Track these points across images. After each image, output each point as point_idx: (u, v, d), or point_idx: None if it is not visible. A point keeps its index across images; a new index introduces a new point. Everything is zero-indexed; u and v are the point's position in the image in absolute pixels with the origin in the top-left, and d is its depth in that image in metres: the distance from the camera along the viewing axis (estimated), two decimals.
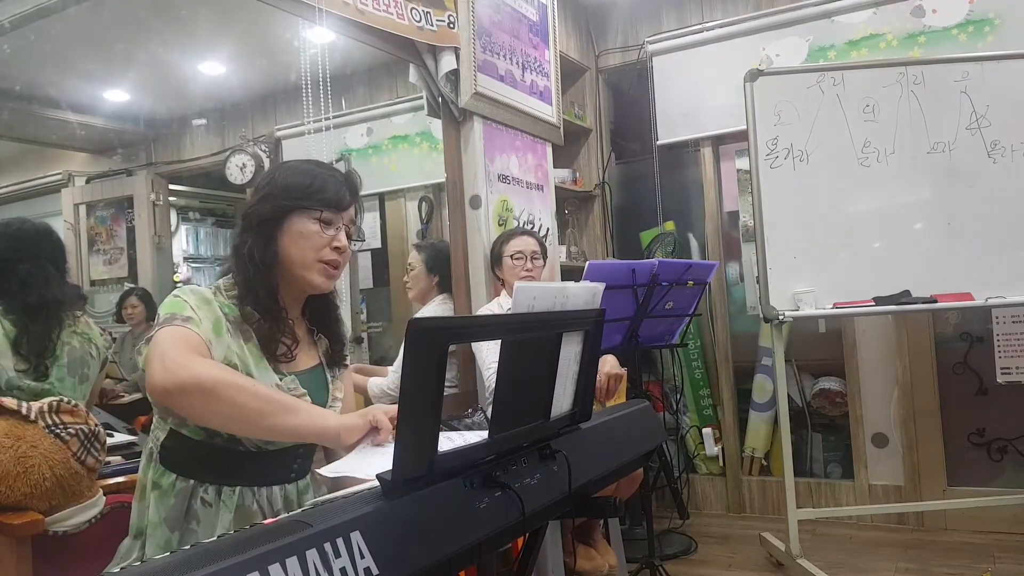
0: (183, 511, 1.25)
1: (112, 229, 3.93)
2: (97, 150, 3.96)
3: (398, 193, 3.75)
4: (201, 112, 3.90)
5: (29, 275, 1.88)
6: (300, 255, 1.31)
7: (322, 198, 1.31)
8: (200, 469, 1.26)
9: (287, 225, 1.30)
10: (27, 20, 2.43)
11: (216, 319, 1.25)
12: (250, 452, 1.27)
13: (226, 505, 1.26)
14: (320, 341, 1.44)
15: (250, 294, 1.29)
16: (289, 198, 1.30)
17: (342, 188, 1.35)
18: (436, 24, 2.70)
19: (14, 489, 1.45)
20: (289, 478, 1.35)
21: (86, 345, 1.98)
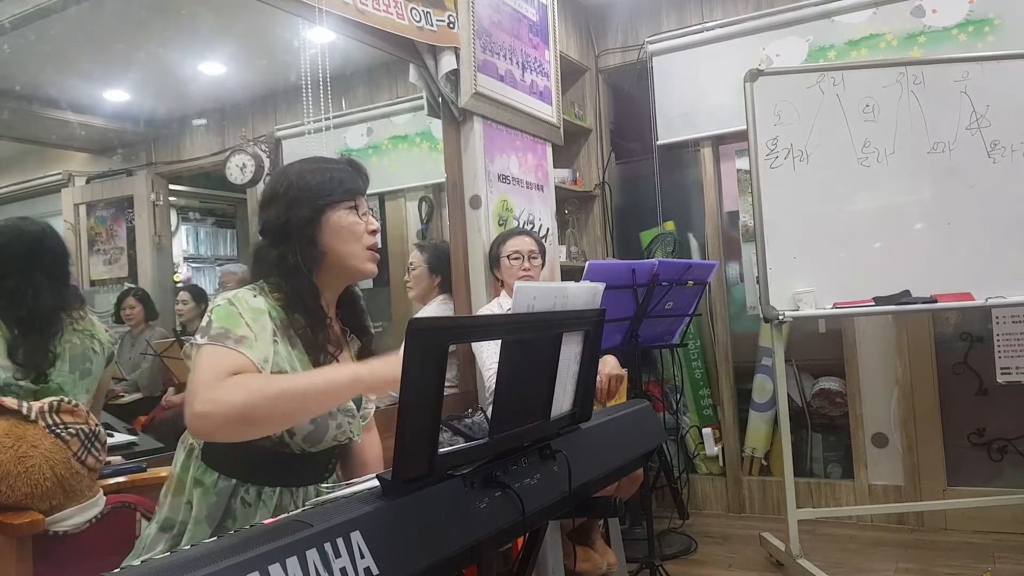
0: (222, 509, 1.26)
1: (112, 229, 3.93)
2: (97, 150, 3.96)
3: (398, 193, 3.75)
4: (201, 112, 3.90)
5: (17, 289, 1.84)
6: (348, 248, 1.32)
7: (348, 188, 1.33)
8: (243, 469, 1.27)
9: (325, 223, 1.31)
10: (27, 20, 2.43)
11: (271, 330, 1.24)
12: (295, 454, 1.28)
13: (265, 505, 1.27)
14: (352, 342, 1.45)
15: (300, 303, 1.28)
16: (321, 196, 1.31)
17: (356, 176, 1.37)
18: (436, 24, 2.70)
19: (14, 489, 1.45)
20: (324, 477, 1.36)
21: (88, 341, 1.97)
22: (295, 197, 1.31)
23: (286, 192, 1.33)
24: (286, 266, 1.29)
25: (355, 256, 1.33)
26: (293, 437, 1.26)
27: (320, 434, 1.29)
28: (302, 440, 1.27)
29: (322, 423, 1.28)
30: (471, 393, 2.87)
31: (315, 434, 1.28)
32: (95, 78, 3.46)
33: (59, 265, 1.95)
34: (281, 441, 1.26)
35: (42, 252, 1.92)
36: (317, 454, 1.32)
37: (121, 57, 3.28)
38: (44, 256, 1.92)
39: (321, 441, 1.30)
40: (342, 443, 1.37)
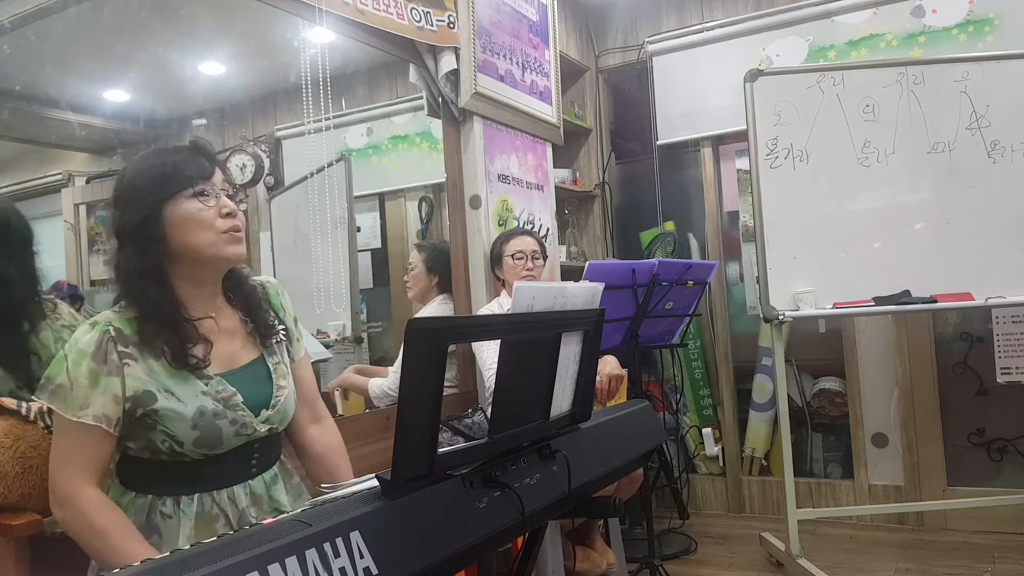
0: (145, 526, 1.23)
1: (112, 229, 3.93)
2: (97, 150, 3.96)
3: (398, 193, 3.75)
4: (201, 112, 3.90)
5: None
6: (198, 238, 1.23)
7: (184, 176, 1.24)
8: (154, 483, 1.25)
9: (167, 219, 1.22)
10: (27, 20, 2.43)
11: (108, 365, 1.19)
12: (196, 461, 1.24)
13: (186, 514, 1.24)
14: (251, 327, 1.38)
15: (151, 310, 1.22)
16: (154, 192, 1.22)
17: (195, 158, 1.27)
18: (436, 24, 2.70)
19: (13, 489, 1.44)
20: (251, 475, 1.32)
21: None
22: (128, 199, 1.23)
23: (120, 195, 1.25)
24: (127, 274, 1.23)
25: (210, 245, 1.24)
26: (183, 446, 1.22)
27: (212, 437, 1.24)
28: (194, 446, 1.22)
29: (209, 425, 1.23)
30: (471, 393, 2.87)
31: (206, 438, 1.23)
32: (95, 78, 3.45)
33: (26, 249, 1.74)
34: (174, 452, 1.22)
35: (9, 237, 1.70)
36: (227, 455, 1.27)
37: (121, 57, 3.28)
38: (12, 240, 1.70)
39: (221, 443, 1.25)
40: (256, 437, 1.30)
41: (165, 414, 1.21)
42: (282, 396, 1.36)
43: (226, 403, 1.27)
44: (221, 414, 1.25)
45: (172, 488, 1.25)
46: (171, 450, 1.22)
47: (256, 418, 1.31)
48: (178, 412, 1.21)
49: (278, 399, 1.36)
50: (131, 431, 1.22)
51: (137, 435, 1.22)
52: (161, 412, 1.20)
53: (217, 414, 1.25)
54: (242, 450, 1.30)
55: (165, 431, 1.21)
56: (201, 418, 1.23)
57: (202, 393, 1.25)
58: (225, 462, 1.28)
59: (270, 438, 1.35)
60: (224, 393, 1.27)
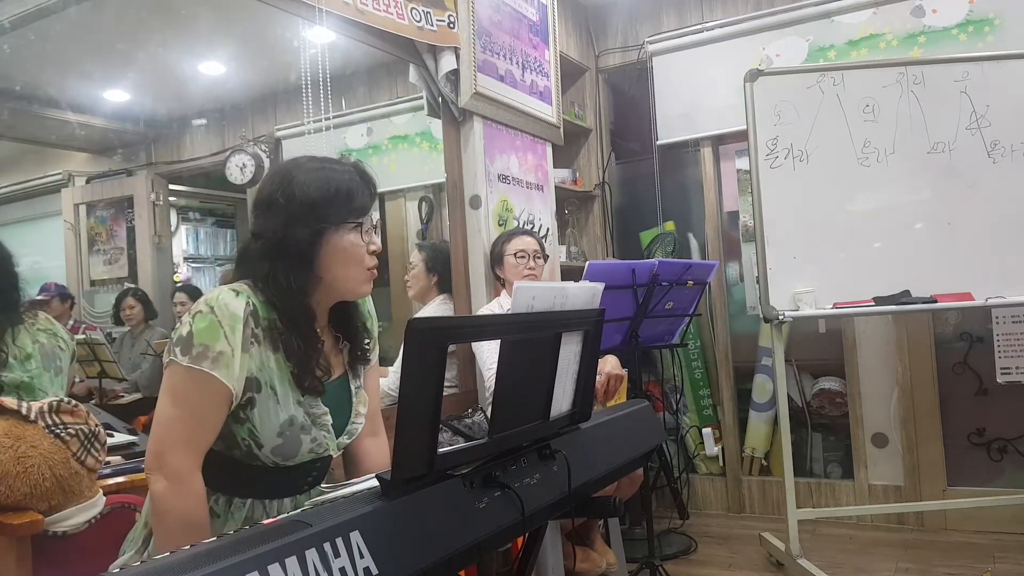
0: None
1: (112, 229, 3.93)
2: (97, 150, 3.97)
3: (398, 193, 3.75)
4: (201, 112, 3.90)
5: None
6: (348, 271, 1.25)
7: (354, 207, 1.24)
8: (214, 479, 1.22)
9: (326, 244, 1.23)
10: (27, 20, 2.43)
11: (245, 339, 1.18)
12: (266, 467, 1.24)
13: (234, 517, 1.24)
14: (345, 347, 1.37)
15: (291, 323, 1.22)
16: (322, 216, 1.21)
17: (364, 190, 1.27)
18: (436, 24, 2.70)
19: (14, 489, 1.45)
20: (302, 490, 1.32)
21: (53, 340, 1.99)
22: (295, 213, 1.21)
23: (287, 204, 1.22)
24: (278, 285, 1.21)
25: (354, 280, 1.26)
26: (262, 449, 1.21)
27: (291, 448, 1.23)
28: (271, 453, 1.22)
29: (293, 437, 1.22)
30: (471, 393, 2.87)
31: (285, 448, 1.23)
32: (95, 78, 3.46)
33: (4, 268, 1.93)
34: (250, 453, 1.21)
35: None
36: (292, 468, 1.26)
37: (121, 57, 3.28)
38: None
39: (295, 456, 1.24)
40: (321, 456, 1.30)
41: (260, 412, 1.20)
42: (359, 424, 1.37)
43: (315, 420, 1.26)
44: (307, 429, 1.24)
45: (230, 488, 1.25)
46: (248, 451, 1.21)
47: (335, 442, 1.31)
48: (272, 414, 1.20)
49: (355, 426, 1.36)
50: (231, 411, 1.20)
51: (228, 421, 1.20)
52: (258, 407, 1.19)
53: (304, 428, 1.24)
54: (303, 468, 1.29)
55: (252, 429, 1.20)
56: (289, 428, 1.22)
57: (297, 403, 1.24)
58: (289, 475, 1.28)
59: (328, 459, 1.35)
60: (316, 410, 1.27)
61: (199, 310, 1.18)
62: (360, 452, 1.46)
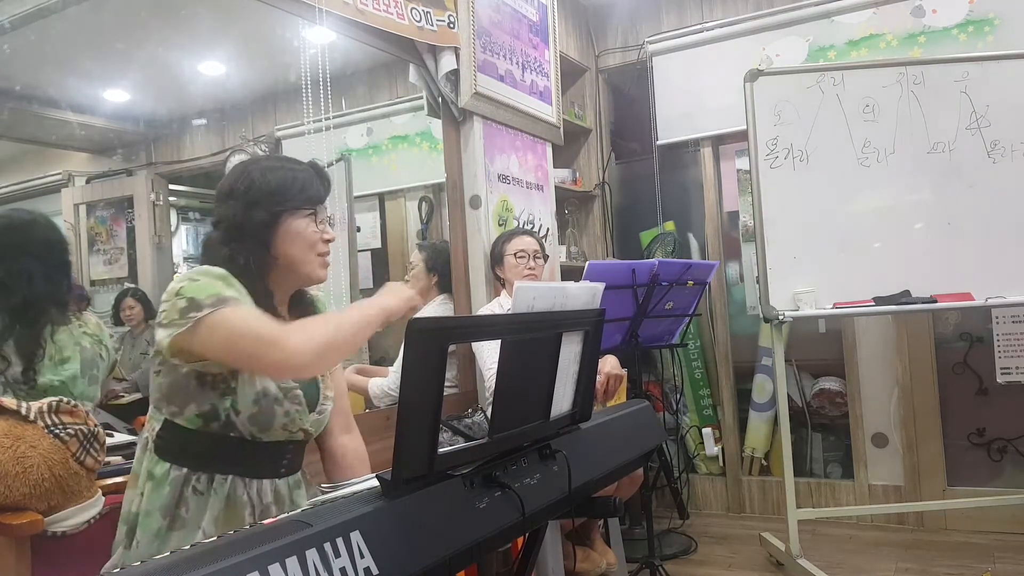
0: (175, 499, 1.27)
1: (112, 229, 3.93)
2: (97, 150, 3.96)
3: (398, 193, 3.75)
4: (201, 112, 3.90)
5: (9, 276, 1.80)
6: (300, 254, 1.35)
7: (308, 196, 1.36)
8: (194, 458, 1.29)
9: (282, 228, 1.33)
10: (27, 20, 2.43)
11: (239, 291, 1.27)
12: (244, 440, 1.29)
13: (216, 494, 1.28)
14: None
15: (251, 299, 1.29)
16: (279, 201, 1.32)
17: (318, 182, 1.39)
18: (436, 24, 2.70)
19: (13, 489, 1.44)
20: (279, 473, 1.37)
21: (96, 347, 1.95)
22: (254, 198, 1.33)
23: (246, 190, 1.33)
24: (236, 266, 1.30)
25: (307, 263, 1.36)
26: (239, 415, 1.27)
27: (267, 418, 1.30)
28: (248, 421, 1.28)
29: (267, 406, 1.29)
30: (471, 393, 2.87)
31: (261, 417, 1.29)
32: (95, 78, 3.45)
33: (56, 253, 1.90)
34: (228, 422, 1.27)
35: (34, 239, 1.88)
36: (269, 444, 1.33)
37: (121, 57, 3.28)
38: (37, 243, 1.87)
39: (270, 427, 1.31)
40: (295, 437, 1.37)
41: (242, 380, 1.27)
42: (328, 406, 1.44)
43: (287, 393, 1.33)
44: (280, 401, 1.32)
45: (209, 464, 1.29)
46: (227, 419, 1.27)
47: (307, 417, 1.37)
48: (247, 383, 1.28)
49: (324, 408, 1.43)
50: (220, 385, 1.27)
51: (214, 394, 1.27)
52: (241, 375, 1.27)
53: (277, 400, 1.31)
54: (278, 447, 1.36)
55: (235, 396, 1.27)
56: (264, 397, 1.29)
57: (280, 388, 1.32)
58: (263, 452, 1.33)
59: (301, 444, 1.41)
60: (287, 384, 1.34)
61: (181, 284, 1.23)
62: (336, 448, 1.53)
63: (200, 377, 1.26)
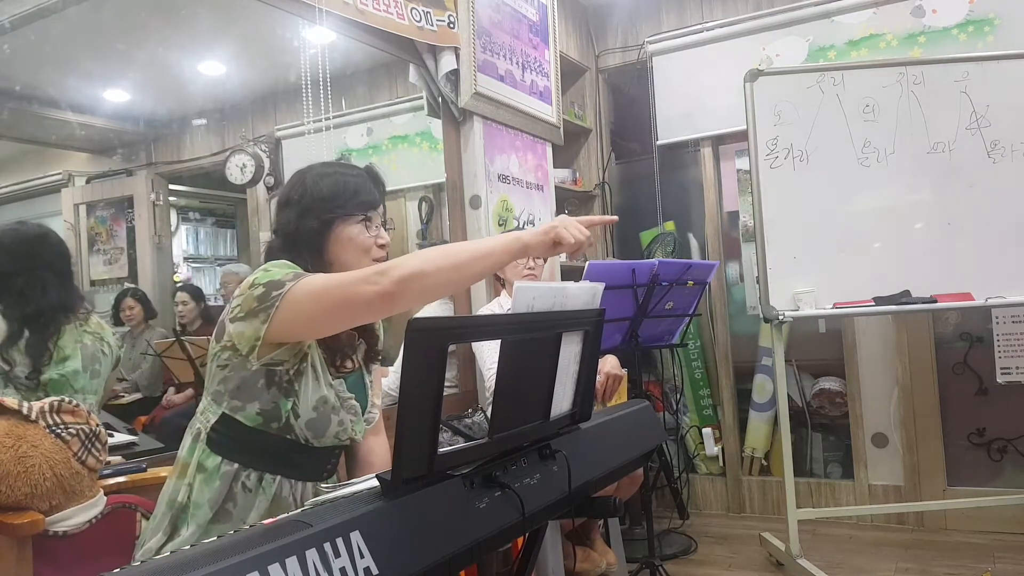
0: (224, 493, 1.28)
1: (112, 229, 3.93)
2: (97, 150, 3.96)
3: (398, 193, 3.75)
4: (201, 112, 3.90)
5: (27, 286, 1.87)
6: (354, 259, 1.35)
7: (361, 201, 1.36)
8: (247, 455, 1.30)
9: (334, 234, 1.34)
10: (27, 20, 2.43)
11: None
12: (299, 443, 1.31)
13: (264, 492, 1.30)
14: (361, 345, 1.46)
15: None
16: (332, 208, 1.34)
17: (372, 187, 1.39)
18: (436, 24, 2.70)
19: (14, 489, 1.45)
20: (322, 476, 1.39)
21: (98, 343, 2.00)
22: (307, 205, 1.34)
23: (300, 199, 1.35)
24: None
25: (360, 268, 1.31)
26: (299, 419, 1.28)
27: (323, 424, 1.31)
28: (305, 426, 1.30)
29: (325, 413, 1.31)
30: (471, 393, 2.87)
31: (318, 423, 1.30)
32: (95, 78, 3.46)
33: (63, 263, 1.98)
34: (287, 425, 1.28)
35: (46, 251, 1.96)
36: (319, 450, 1.34)
37: (121, 57, 3.28)
38: (48, 255, 1.96)
39: (324, 434, 1.32)
40: (343, 443, 1.39)
41: (304, 384, 1.28)
42: (375, 413, 1.47)
43: (343, 402, 1.35)
44: (337, 410, 1.33)
45: (261, 463, 1.30)
46: (286, 422, 1.28)
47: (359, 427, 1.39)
48: (311, 388, 1.29)
49: (372, 414, 1.45)
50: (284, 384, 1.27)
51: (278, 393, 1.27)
52: (304, 378, 1.28)
53: (334, 408, 1.33)
54: (327, 452, 1.37)
55: (296, 399, 1.28)
56: (323, 405, 1.31)
57: (329, 385, 1.33)
58: (315, 456, 1.35)
59: (342, 449, 1.43)
60: (344, 394, 1.36)
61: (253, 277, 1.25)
62: (365, 450, 1.52)
63: (269, 375, 1.27)
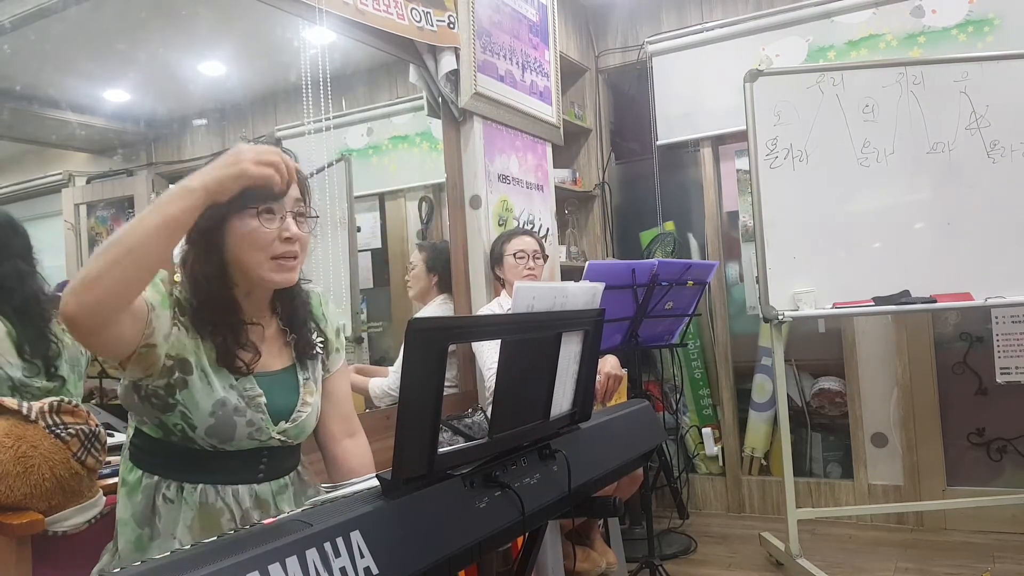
0: (149, 507, 1.25)
1: (112, 229, 3.93)
2: (97, 150, 3.96)
3: (398, 193, 3.75)
4: (201, 112, 3.89)
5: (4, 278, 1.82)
6: (250, 257, 1.24)
7: (254, 193, 1.19)
8: (161, 466, 1.26)
9: (228, 231, 1.23)
10: (27, 20, 2.43)
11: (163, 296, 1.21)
12: (205, 451, 1.25)
13: (187, 503, 1.25)
14: (292, 340, 1.38)
15: (204, 309, 1.25)
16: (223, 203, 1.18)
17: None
18: (436, 24, 2.70)
19: (14, 489, 1.45)
20: (257, 479, 1.32)
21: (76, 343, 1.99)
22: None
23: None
24: (192, 273, 1.25)
25: (258, 266, 1.24)
26: (195, 431, 1.22)
27: (226, 430, 1.24)
28: (206, 434, 1.23)
29: (226, 418, 1.24)
30: (471, 393, 2.87)
31: (219, 429, 1.23)
32: (95, 78, 3.45)
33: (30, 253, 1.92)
34: (185, 436, 1.23)
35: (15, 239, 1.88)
36: (238, 453, 1.27)
37: (121, 57, 3.28)
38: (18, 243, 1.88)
39: (231, 438, 1.25)
40: (268, 444, 1.30)
41: (191, 392, 1.22)
42: (305, 412, 1.36)
43: (249, 402, 1.27)
44: (241, 411, 1.26)
45: (177, 473, 1.26)
46: (183, 434, 1.23)
47: (273, 427, 1.31)
48: (203, 395, 1.22)
49: (300, 414, 1.35)
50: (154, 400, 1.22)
51: (154, 410, 1.23)
52: (190, 388, 1.22)
53: (237, 410, 1.25)
54: (251, 454, 1.30)
55: (184, 412, 1.22)
56: (222, 408, 1.24)
57: (230, 387, 1.26)
58: (232, 460, 1.28)
59: (283, 449, 1.35)
60: (250, 392, 1.28)
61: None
62: (339, 454, 1.47)
63: (136, 389, 1.22)
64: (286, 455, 1.37)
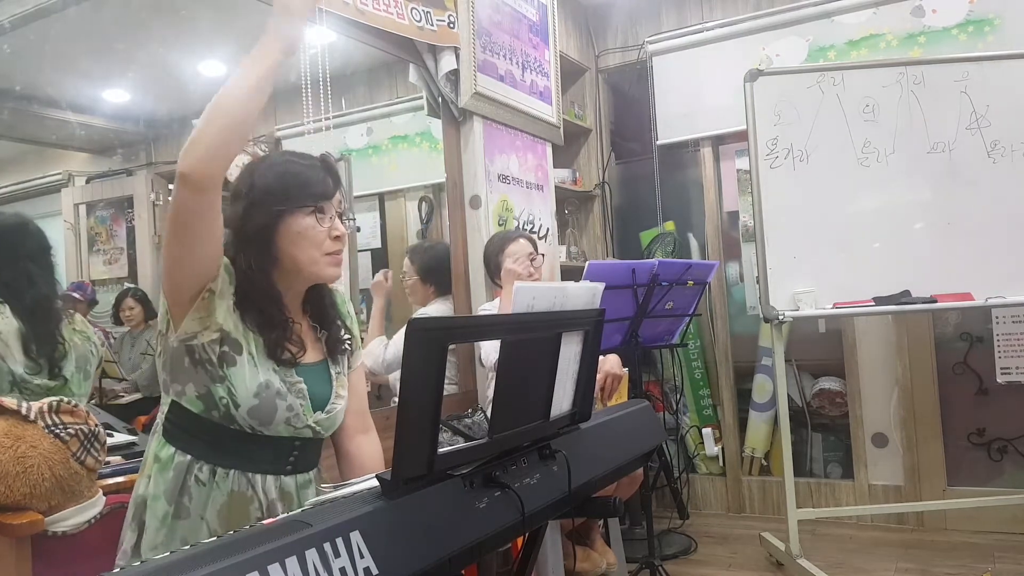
0: (179, 485, 1.26)
1: (112, 229, 3.93)
2: (97, 150, 3.96)
3: (398, 193, 3.75)
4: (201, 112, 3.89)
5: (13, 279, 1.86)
6: (305, 254, 1.30)
7: (310, 192, 1.30)
8: (197, 445, 1.27)
9: (283, 228, 1.29)
10: (27, 20, 2.43)
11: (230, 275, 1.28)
12: (243, 433, 1.27)
13: (219, 487, 1.27)
14: (323, 336, 1.42)
15: (252, 306, 1.28)
16: (278, 201, 1.28)
17: (324, 176, 1.33)
18: (436, 24, 2.70)
19: (13, 489, 1.45)
20: (285, 470, 1.34)
21: (86, 343, 2.00)
22: (253, 200, 1.30)
23: (247, 193, 1.31)
24: (239, 268, 1.29)
25: (313, 263, 1.31)
26: (238, 409, 1.25)
27: (267, 411, 1.27)
28: (248, 414, 1.26)
29: (269, 400, 1.27)
30: (471, 393, 2.87)
31: (261, 410, 1.26)
32: (95, 78, 3.45)
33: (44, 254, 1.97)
34: (228, 414, 1.25)
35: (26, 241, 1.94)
36: (273, 439, 1.30)
37: (121, 57, 3.28)
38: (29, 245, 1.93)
39: (271, 421, 1.28)
40: (302, 435, 1.33)
41: (238, 370, 1.25)
42: (339, 405, 1.40)
43: (291, 387, 1.31)
44: (283, 395, 1.29)
45: (212, 455, 1.28)
46: (226, 410, 1.25)
47: (312, 414, 1.34)
48: (249, 375, 1.26)
49: (334, 406, 1.39)
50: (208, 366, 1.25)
51: (206, 376, 1.26)
52: (238, 366, 1.25)
53: (280, 393, 1.28)
54: (284, 443, 1.33)
55: (230, 388, 1.25)
56: (266, 390, 1.27)
57: (274, 371, 1.30)
58: (266, 447, 1.31)
59: (311, 442, 1.38)
60: (292, 379, 1.32)
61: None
62: (353, 449, 1.49)
63: (190, 352, 1.25)
64: (314, 449, 1.40)
